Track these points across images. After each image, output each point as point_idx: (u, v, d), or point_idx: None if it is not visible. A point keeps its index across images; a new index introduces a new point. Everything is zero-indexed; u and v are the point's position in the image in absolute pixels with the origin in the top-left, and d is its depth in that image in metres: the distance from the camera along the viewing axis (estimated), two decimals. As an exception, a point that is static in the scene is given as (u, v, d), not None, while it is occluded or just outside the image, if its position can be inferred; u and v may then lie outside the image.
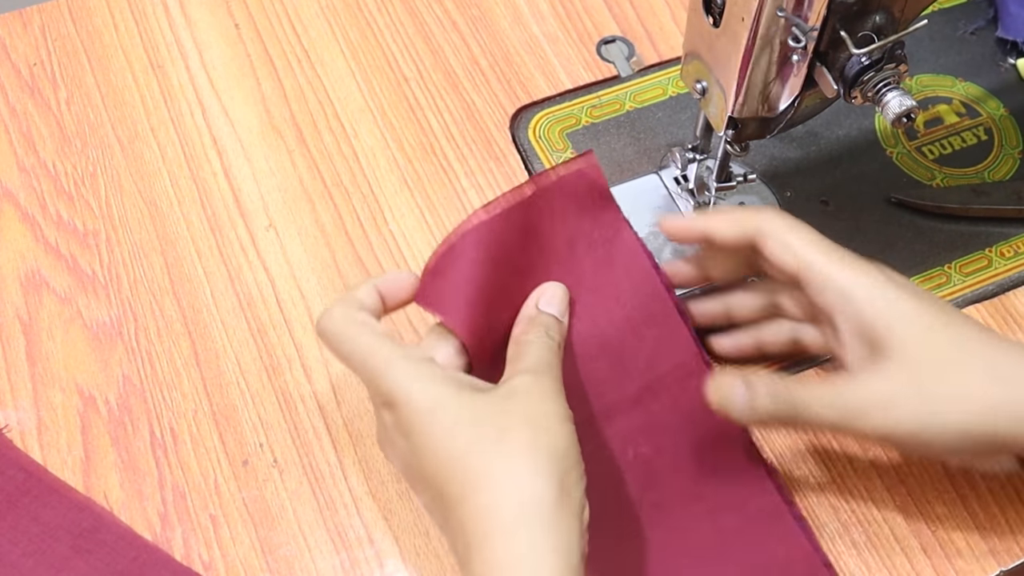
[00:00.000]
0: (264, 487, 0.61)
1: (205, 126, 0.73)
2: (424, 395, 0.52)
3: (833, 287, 0.56)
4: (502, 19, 0.79)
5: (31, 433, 0.62)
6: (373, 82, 0.76)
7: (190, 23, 0.78)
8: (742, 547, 0.58)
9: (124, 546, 0.58)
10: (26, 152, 0.72)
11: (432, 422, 0.51)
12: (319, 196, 0.71)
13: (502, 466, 0.50)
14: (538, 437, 0.51)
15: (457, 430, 0.51)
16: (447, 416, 0.51)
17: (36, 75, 0.75)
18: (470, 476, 0.50)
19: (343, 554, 0.59)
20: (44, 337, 0.65)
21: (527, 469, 0.50)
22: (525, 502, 0.49)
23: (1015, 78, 0.77)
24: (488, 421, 0.51)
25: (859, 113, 0.75)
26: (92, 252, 0.68)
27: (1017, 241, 0.70)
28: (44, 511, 0.59)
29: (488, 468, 0.50)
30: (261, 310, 0.67)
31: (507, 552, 0.48)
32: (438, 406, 0.52)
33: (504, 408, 0.52)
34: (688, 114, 0.75)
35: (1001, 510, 0.61)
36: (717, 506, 0.59)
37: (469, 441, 0.51)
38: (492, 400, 0.52)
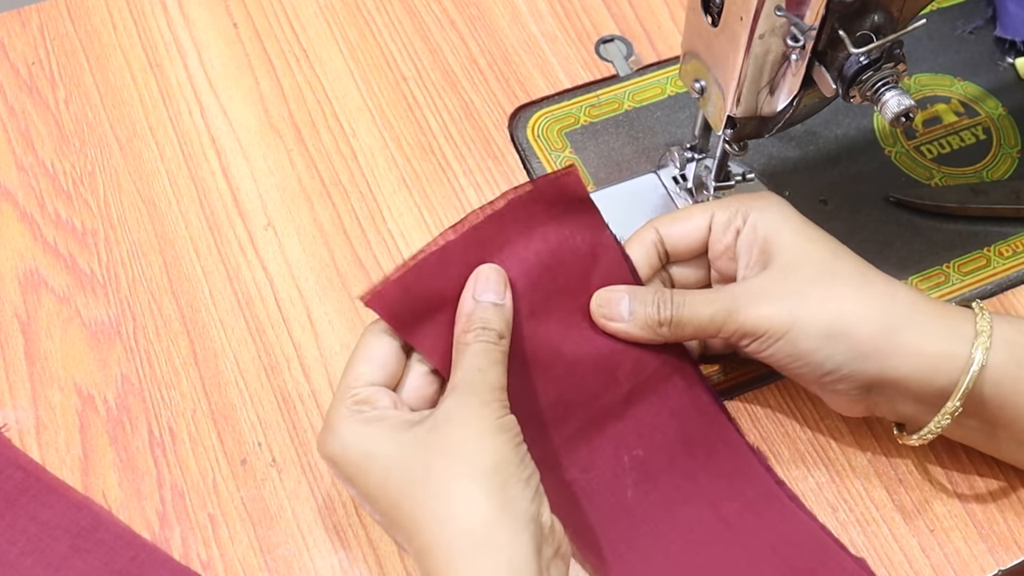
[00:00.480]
0: (262, 486, 0.61)
1: (203, 125, 0.73)
2: (358, 445, 0.52)
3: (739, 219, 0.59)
4: (500, 18, 0.79)
5: (29, 432, 0.62)
6: (371, 81, 0.76)
7: (188, 22, 0.78)
8: (747, 532, 0.58)
9: (122, 545, 0.58)
10: (24, 151, 0.72)
11: (368, 470, 0.52)
12: (317, 195, 0.71)
13: (431, 505, 0.50)
14: (461, 465, 0.50)
15: (390, 474, 0.51)
16: (378, 462, 0.52)
17: (34, 74, 0.75)
18: (406, 522, 0.51)
19: (341, 553, 0.59)
20: (43, 336, 0.65)
21: (453, 501, 0.50)
22: (456, 536, 0.49)
23: (1013, 77, 0.77)
24: (414, 460, 0.51)
25: (858, 112, 0.75)
26: (91, 251, 0.68)
27: (1015, 240, 0.70)
28: (43, 510, 0.59)
29: (420, 510, 0.50)
30: (259, 309, 0.67)
31: None
32: (371, 458, 0.52)
33: (428, 441, 0.51)
34: (687, 113, 0.75)
35: (999, 510, 0.61)
36: (717, 497, 0.59)
37: (401, 486, 0.51)
38: (418, 435, 0.52)
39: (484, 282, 0.57)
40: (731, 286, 0.59)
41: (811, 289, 0.56)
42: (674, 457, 0.60)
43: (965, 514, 0.61)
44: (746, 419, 0.64)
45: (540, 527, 0.51)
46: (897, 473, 0.62)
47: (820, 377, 0.57)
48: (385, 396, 0.55)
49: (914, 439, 0.58)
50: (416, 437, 0.52)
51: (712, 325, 0.58)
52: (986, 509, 0.61)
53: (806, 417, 0.64)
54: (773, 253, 0.58)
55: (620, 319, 0.59)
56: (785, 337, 0.56)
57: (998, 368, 0.55)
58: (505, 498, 0.50)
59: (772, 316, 0.56)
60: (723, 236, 0.60)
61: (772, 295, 0.57)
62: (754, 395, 0.64)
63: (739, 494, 0.59)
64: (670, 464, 0.60)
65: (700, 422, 0.61)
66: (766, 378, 0.65)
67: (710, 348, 0.65)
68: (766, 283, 0.57)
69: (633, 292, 0.59)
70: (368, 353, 0.56)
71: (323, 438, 0.54)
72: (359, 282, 0.67)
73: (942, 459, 0.62)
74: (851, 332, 0.55)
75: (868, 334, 0.55)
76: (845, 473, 0.62)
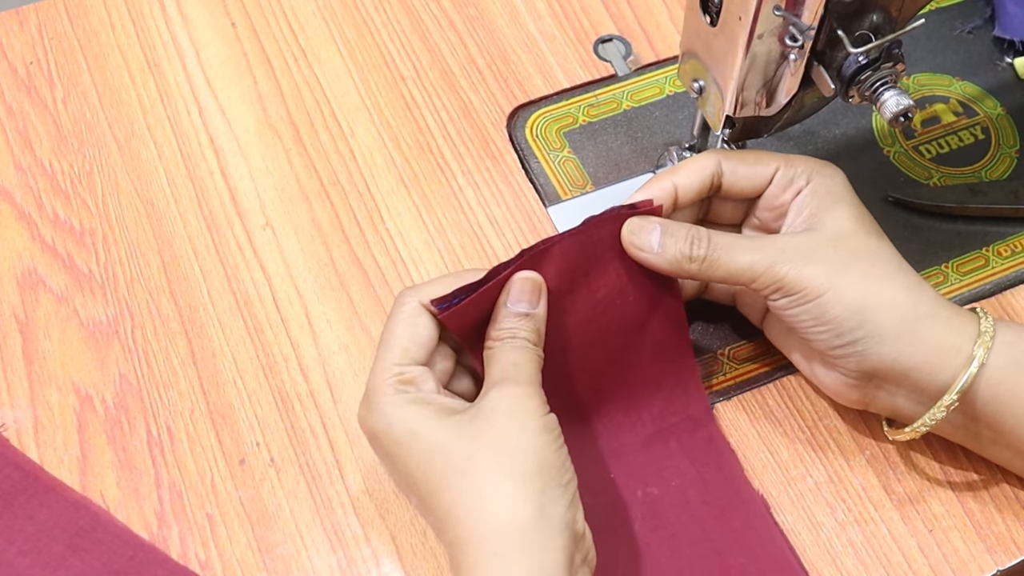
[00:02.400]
0: (261, 486, 0.61)
1: (202, 125, 0.73)
2: (402, 423, 0.52)
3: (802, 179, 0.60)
4: (499, 18, 0.79)
5: (27, 432, 0.62)
6: (370, 81, 0.76)
7: (187, 22, 0.78)
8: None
9: (120, 545, 0.58)
10: (22, 151, 0.72)
11: (411, 458, 0.52)
12: (316, 195, 0.71)
13: (470, 499, 0.50)
14: (504, 461, 0.51)
15: (433, 459, 0.51)
16: (422, 450, 0.52)
17: (32, 73, 0.75)
18: (442, 511, 0.51)
19: (339, 553, 0.59)
20: (40, 336, 0.65)
21: (493, 498, 0.50)
22: (491, 535, 0.49)
23: (1012, 77, 0.77)
24: (457, 448, 0.51)
25: (856, 112, 0.75)
26: (89, 251, 0.68)
27: (1014, 240, 0.70)
28: (40, 510, 0.59)
29: (458, 502, 0.50)
30: (258, 309, 0.67)
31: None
32: (415, 439, 0.52)
33: (472, 432, 0.52)
34: (685, 113, 0.75)
35: (998, 509, 0.61)
36: (724, 546, 0.59)
37: (442, 473, 0.51)
38: (461, 424, 0.52)
39: (517, 292, 0.57)
40: (774, 239, 0.59)
41: (854, 261, 0.57)
42: (687, 501, 0.60)
43: (963, 514, 0.61)
44: (745, 419, 0.64)
45: (574, 534, 0.51)
46: (895, 473, 0.62)
47: (834, 348, 0.57)
48: (429, 379, 0.55)
49: (906, 431, 0.58)
50: (460, 425, 0.52)
51: (749, 273, 0.58)
52: (984, 509, 0.61)
53: (804, 417, 0.64)
54: (824, 220, 0.59)
55: (649, 249, 0.58)
56: (818, 300, 0.56)
57: (997, 370, 0.55)
58: (544, 502, 0.50)
59: (813, 277, 0.57)
60: (782, 192, 0.60)
61: (816, 257, 0.57)
62: (753, 395, 0.64)
63: (747, 550, 0.59)
64: (682, 507, 0.60)
65: (719, 476, 0.61)
66: (766, 378, 0.65)
67: (711, 292, 0.65)
68: (812, 244, 0.58)
69: (665, 225, 0.59)
70: (414, 332, 0.55)
71: (365, 412, 0.54)
72: (357, 282, 0.67)
73: (940, 459, 0.62)
74: (880, 312, 0.56)
75: (894, 319, 0.56)
76: (843, 473, 0.62)
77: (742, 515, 0.60)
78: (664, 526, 0.59)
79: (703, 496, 0.60)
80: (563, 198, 0.71)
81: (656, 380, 0.62)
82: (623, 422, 0.62)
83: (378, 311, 0.66)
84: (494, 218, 0.70)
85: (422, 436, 0.52)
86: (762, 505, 0.60)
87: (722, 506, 0.60)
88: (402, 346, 0.55)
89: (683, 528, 0.59)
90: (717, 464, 0.61)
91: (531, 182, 0.72)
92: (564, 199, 0.71)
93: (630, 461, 0.61)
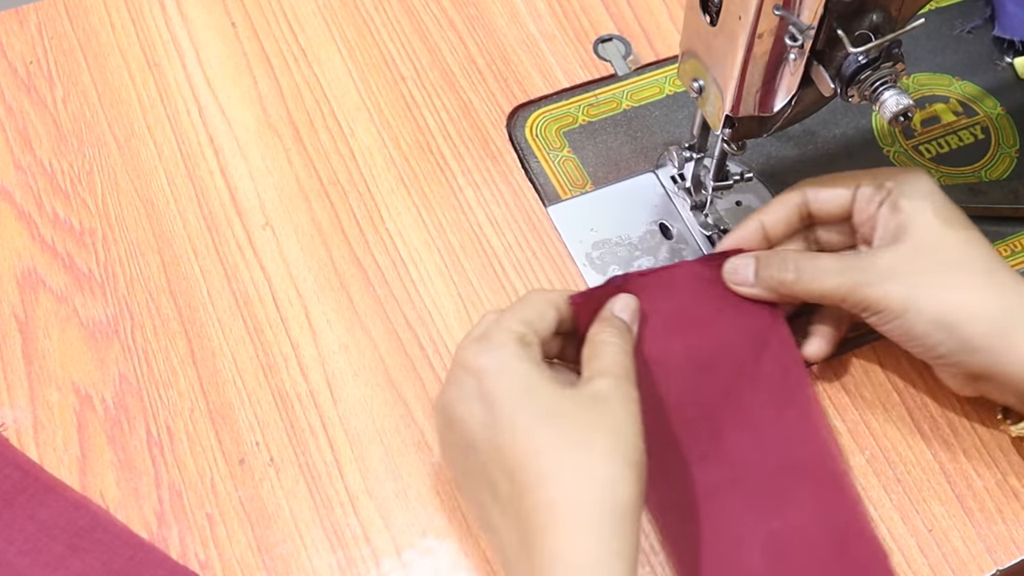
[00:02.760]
0: (260, 486, 0.61)
1: (201, 124, 0.73)
2: (522, 376, 0.53)
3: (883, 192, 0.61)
4: (499, 17, 0.79)
5: (27, 432, 0.62)
6: (370, 80, 0.76)
7: (187, 21, 0.78)
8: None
9: (120, 545, 0.58)
10: (22, 150, 0.72)
11: (522, 408, 0.52)
12: (316, 194, 0.71)
13: (584, 467, 0.51)
14: (619, 446, 0.52)
15: (544, 422, 0.52)
16: (537, 406, 0.53)
17: (32, 73, 0.75)
18: (547, 469, 0.51)
19: (339, 552, 0.59)
20: (40, 335, 0.65)
21: (609, 476, 0.51)
22: (593, 506, 0.50)
23: (1012, 77, 0.77)
24: (573, 422, 0.52)
25: (856, 112, 0.75)
26: (88, 250, 0.68)
27: (1014, 240, 0.70)
28: (40, 510, 0.59)
29: (567, 466, 0.51)
30: (257, 308, 0.67)
31: (575, 549, 0.49)
32: (531, 393, 0.53)
33: (590, 411, 0.53)
34: (685, 113, 0.75)
35: (998, 509, 0.61)
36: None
37: (554, 436, 0.52)
38: (578, 401, 0.53)
39: (623, 305, 0.60)
40: (861, 256, 0.60)
41: (935, 275, 0.58)
42: (808, 537, 0.58)
43: (963, 514, 0.61)
44: (744, 419, 0.63)
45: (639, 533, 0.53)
46: (895, 473, 0.62)
47: (932, 359, 0.59)
48: (541, 351, 0.56)
49: (1020, 427, 0.60)
50: (578, 400, 0.53)
51: (836, 294, 0.60)
52: (984, 509, 0.61)
53: (804, 417, 0.64)
54: (910, 229, 0.59)
55: (747, 283, 0.62)
56: (901, 318, 0.58)
57: None
58: (640, 491, 0.52)
59: (891, 296, 0.58)
60: (867, 206, 0.62)
61: (896, 274, 0.58)
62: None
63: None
64: (802, 543, 0.58)
65: (841, 518, 0.59)
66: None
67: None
68: (894, 261, 0.59)
69: (758, 257, 0.62)
70: (540, 309, 0.57)
71: (479, 348, 0.55)
72: (357, 281, 0.67)
73: (940, 458, 0.62)
74: (963, 326, 0.57)
75: (981, 330, 0.57)
76: (843, 473, 0.62)
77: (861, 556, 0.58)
78: (784, 562, 0.58)
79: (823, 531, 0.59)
80: (563, 198, 0.71)
81: (779, 423, 0.61)
82: (744, 472, 0.60)
83: (378, 311, 0.66)
84: (494, 218, 0.70)
85: (540, 396, 0.53)
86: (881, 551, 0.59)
87: (843, 544, 0.58)
88: (537, 313, 0.57)
89: (803, 565, 0.58)
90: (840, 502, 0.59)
91: (531, 182, 0.72)
92: (564, 199, 0.71)
93: (752, 496, 0.59)
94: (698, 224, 0.69)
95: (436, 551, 0.59)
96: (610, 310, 0.60)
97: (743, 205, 0.70)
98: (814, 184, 0.63)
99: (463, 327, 0.66)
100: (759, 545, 0.58)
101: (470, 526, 0.60)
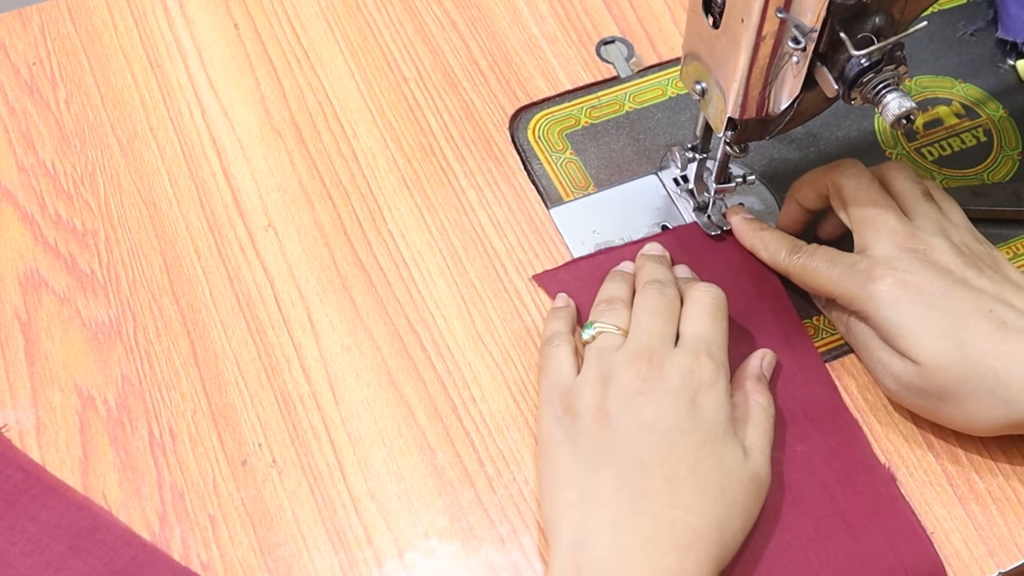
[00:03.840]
0: (263, 487, 0.61)
1: (204, 126, 0.73)
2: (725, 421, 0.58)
3: None
4: (501, 19, 0.79)
5: (30, 432, 0.62)
6: (372, 82, 0.76)
7: (189, 23, 0.78)
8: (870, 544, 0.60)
9: (122, 546, 0.58)
10: (25, 152, 0.72)
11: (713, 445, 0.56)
12: (318, 196, 0.71)
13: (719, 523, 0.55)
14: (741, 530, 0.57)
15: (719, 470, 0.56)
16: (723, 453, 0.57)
17: (35, 74, 0.75)
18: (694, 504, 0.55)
19: (342, 555, 0.59)
20: (43, 337, 0.65)
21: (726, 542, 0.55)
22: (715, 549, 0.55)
23: (1015, 79, 0.77)
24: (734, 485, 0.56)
25: (858, 114, 0.75)
26: (91, 252, 0.68)
27: (1016, 242, 0.70)
28: (42, 511, 0.59)
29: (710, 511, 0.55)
30: (260, 310, 0.67)
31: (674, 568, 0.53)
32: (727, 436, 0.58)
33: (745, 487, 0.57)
34: (687, 115, 0.75)
35: (1000, 512, 0.61)
36: (848, 508, 0.60)
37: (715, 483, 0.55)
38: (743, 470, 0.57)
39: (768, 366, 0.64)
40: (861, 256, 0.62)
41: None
42: (812, 465, 0.61)
43: (965, 516, 0.61)
44: (746, 421, 0.63)
45: None
46: (897, 475, 0.62)
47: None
48: None
49: None
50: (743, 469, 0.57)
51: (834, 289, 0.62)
52: (986, 511, 0.61)
53: (806, 419, 0.64)
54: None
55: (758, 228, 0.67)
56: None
57: None
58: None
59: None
60: None
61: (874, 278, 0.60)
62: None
63: (872, 512, 0.60)
64: (807, 470, 0.61)
65: (843, 443, 0.62)
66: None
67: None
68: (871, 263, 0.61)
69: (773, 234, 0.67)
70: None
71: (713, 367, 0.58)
72: (359, 283, 0.67)
73: (942, 461, 0.62)
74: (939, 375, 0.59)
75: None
76: (845, 475, 0.62)
77: (866, 481, 0.61)
78: (789, 487, 0.60)
79: (827, 461, 0.61)
80: (565, 199, 0.71)
81: (778, 367, 0.64)
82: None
83: (380, 312, 0.66)
84: (496, 220, 0.70)
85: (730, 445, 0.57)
86: (887, 473, 0.61)
87: (846, 471, 0.61)
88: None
89: (807, 490, 0.60)
90: (841, 433, 0.62)
91: (533, 184, 0.72)
92: (566, 200, 0.71)
93: None
94: (701, 224, 0.69)
95: (438, 553, 0.59)
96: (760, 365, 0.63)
97: (744, 207, 0.70)
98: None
99: (465, 329, 0.66)
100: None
101: (472, 528, 0.60)
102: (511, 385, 0.64)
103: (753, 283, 0.67)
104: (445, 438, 0.62)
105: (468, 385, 0.64)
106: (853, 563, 0.58)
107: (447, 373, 0.64)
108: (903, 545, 0.59)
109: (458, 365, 0.65)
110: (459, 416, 0.63)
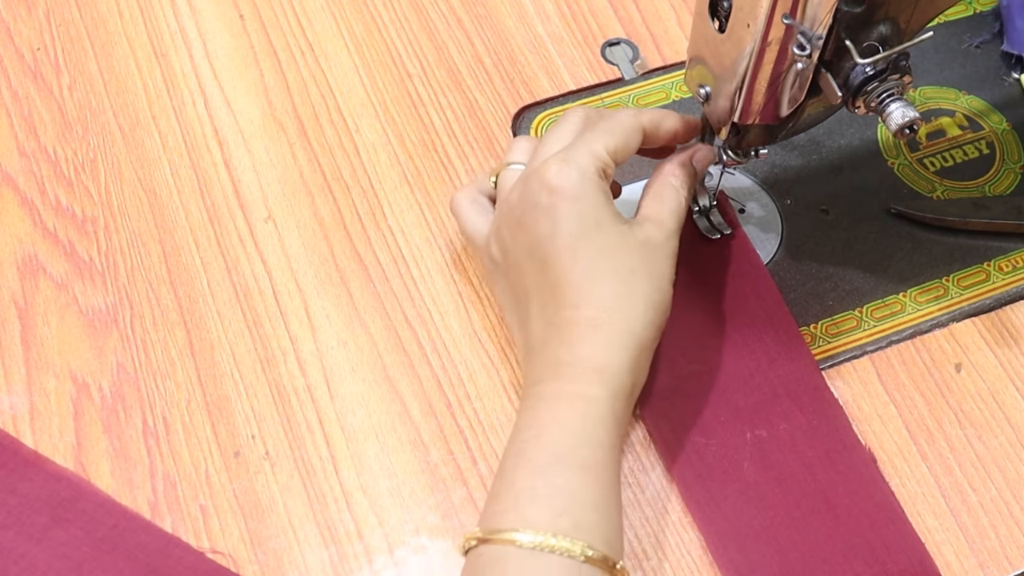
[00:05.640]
0: (255, 479, 0.61)
1: (207, 116, 0.73)
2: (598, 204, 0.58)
3: None
4: (507, 18, 0.79)
5: (23, 418, 0.62)
6: (376, 77, 0.76)
7: (195, 12, 0.78)
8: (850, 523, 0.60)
9: (104, 514, 0.58)
10: (27, 137, 0.72)
11: (587, 237, 0.57)
12: (319, 189, 0.71)
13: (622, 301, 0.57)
14: (654, 293, 0.58)
15: (602, 255, 0.57)
16: (600, 239, 0.58)
17: (39, 60, 0.75)
18: (592, 293, 0.57)
19: (332, 548, 0.59)
20: (39, 322, 0.65)
21: (639, 314, 0.57)
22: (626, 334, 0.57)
23: (1019, 92, 0.77)
24: (624, 257, 0.58)
25: (861, 123, 0.75)
26: (90, 239, 0.68)
27: (1016, 256, 0.70)
28: (21, 483, 0.59)
29: (608, 295, 0.57)
30: (257, 302, 0.66)
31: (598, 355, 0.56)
32: (598, 226, 0.58)
33: (638, 255, 0.58)
34: (691, 119, 0.75)
35: (991, 524, 0.61)
36: (830, 487, 0.61)
37: (605, 269, 0.57)
38: (632, 243, 0.59)
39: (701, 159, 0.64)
40: None
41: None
42: (795, 443, 0.62)
43: (957, 528, 0.61)
44: (741, 426, 0.63)
45: None
46: (890, 485, 0.62)
47: None
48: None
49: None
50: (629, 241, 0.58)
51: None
52: (978, 524, 0.61)
53: (801, 426, 0.64)
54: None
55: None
56: None
57: None
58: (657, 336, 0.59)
59: None
60: None
61: None
62: (750, 403, 0.64)
63: (853, 492, 0.61)
64: (789, 449, 0.62)
65: (825, 424, 0.63)
66: (762, 386, 0.65)
67: None
68: None
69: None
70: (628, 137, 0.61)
71: (560, 169, 0.58)
72: (357, 277, 0.67)
73: (935, 472, 0.62)
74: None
75: None
76: (838, 483, 0.62)
77: (848, 461, 0.62)
78: (772, 466, 0.61)
79: (810, 440, 0.62)
80: (566, 200, 0.71)
81: (762, 346, 0.65)
82: (734, 382, 0.64)
83: (377, 307, 0.66)
84: (496, 218, 0.70)
85: (604, 230, 0.58)
86: (867, 454, 0.62)
87: (828, 450, 0.62)
88: (624, 141, 0.61)
89: (790, 469, 0.61)
90: (824, 413, 0.63)
91: (534, 183, 0.72)
92: (567, 201, 0.71)
93: (740, 407, 0.63)
94: (701, 227, 0.69)
95: (428, 549, 0.59)
96: (690, 157, 0.63)
97: (746, 212, 0.70)
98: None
99: (462, 326, 0.66)
100: (747, 451, 0.62)
101: (464, 526, 0.60)
102: (506, 385, 0.64)
103: (751, 285, 0.67)
104: (439, 435, 0.62)
105: (463, 383, 0.64)
106: (834, 541, 0.59)
107: (443, 370, 0.64)
108: (882, 524, 0.60)
109: (454, 363, 0.65)
110: (453, 414, 0.63)
